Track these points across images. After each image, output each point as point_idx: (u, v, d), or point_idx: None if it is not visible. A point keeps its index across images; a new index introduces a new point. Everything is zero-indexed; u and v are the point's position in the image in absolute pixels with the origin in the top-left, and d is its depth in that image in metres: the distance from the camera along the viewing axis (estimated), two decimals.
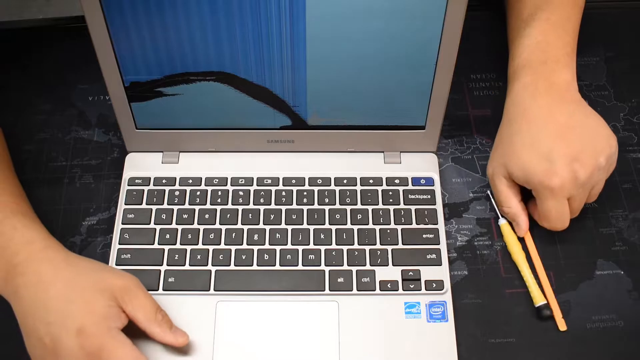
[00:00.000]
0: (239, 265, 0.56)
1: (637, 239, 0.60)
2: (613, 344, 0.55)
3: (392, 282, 0.55)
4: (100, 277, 0.50)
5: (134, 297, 0.50)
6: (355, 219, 0.58)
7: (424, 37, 0.51)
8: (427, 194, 0.59)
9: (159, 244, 0.57)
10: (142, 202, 0.59)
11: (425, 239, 0.57)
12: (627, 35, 0.73)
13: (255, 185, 0.60)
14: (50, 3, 1.49)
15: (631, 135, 0.66)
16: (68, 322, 0.47)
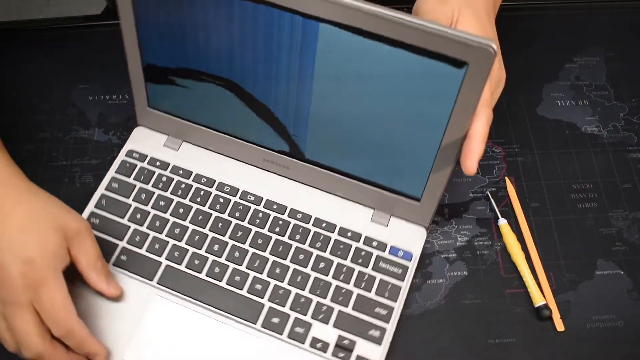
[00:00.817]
0: (189, 268, 0.56)
1: (637, 239, 0.60)
2: (613, 344, 0.55)
3: (324, 343, 0.53)
4: (57, 215, 0.51)
5: (82, 241, 0.51)
6: (317, 266, 0.56)
7: (433, 113, 0.48)
8: (399, 268, 0.55)
9: (127, 220, 0.58)
10: (130, 176, 0.60)
11: (376, 313, 0.54)
12: (627, 35, 0.73)
13: (238, 198, 0.59)
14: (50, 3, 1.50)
15: (631, 135, 0.66)
16: (19, 250, 0.48)
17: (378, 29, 0.45)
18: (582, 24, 0.73)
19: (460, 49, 0.43)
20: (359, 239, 0.57)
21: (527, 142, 0.65)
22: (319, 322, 0.54)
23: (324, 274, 0.55)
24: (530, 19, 0.73)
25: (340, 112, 0.52)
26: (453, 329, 0.56)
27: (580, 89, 0.68)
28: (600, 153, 0.65)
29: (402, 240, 0.57)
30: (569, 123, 0.66)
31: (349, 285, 0.55)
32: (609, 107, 0.68)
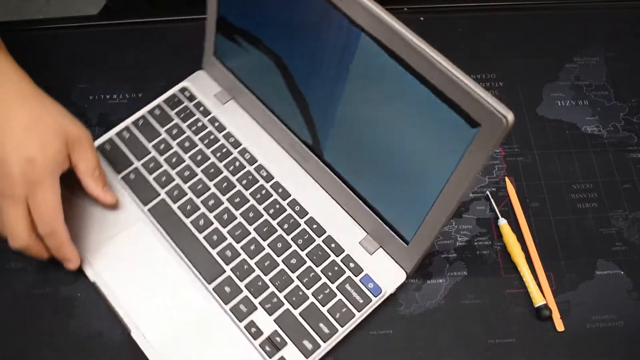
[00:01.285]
0: (180, 209, 0.59)
1: (637, 239, 0.60)
2: (613, 344, 0.55)
3: (258, 331, 0.53)
4: (60, 121, 0.54)
5: (82, 148, 0.55)
6: (288, 260, 0.56)
7: (440, 161, 0.47)
8: (362, 298, 0.54)
9: (151, 146, 0.62)
10: (173, 110, 0.64)
11: (319, 328, 0.53)
12: (627, 35, 0.73)
13: (252, 168, 0.61)
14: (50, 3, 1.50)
15: (631, 135, 0.66)
16: (21, 149, 0.51)
17: (411, 60, 0.45)
18: (582, 24, 0.73)
19: (478, 109, 0.42)
20: (340, 254, 0.57)
21: (527, 142, 0.65)
22: (264, 310, 0.54)
23: (291, 270, 0.56)
24: (530, 19, 0.73)
25: (361, 125, 0.52)
26: (453, 329, 0.56)
27: (580, 89, 0.68)
28: (600, 153, 0.65)
29: (378, 274, 0.56)
30: (569, 123, 0.66)
31: (307, 291, 0.55)
32: (609, 107, 0.68)
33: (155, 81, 0.68)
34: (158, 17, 0.74)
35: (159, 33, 0.72)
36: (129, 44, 0.70)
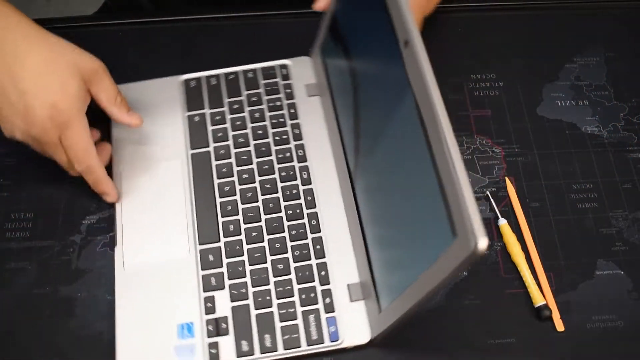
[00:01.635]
0: (216, 167, 0.61)
1: (637, 239, 0.60)
2: (613, 344, 0.55)
3: (212, 307, 0.54)
4: (73, 58, 0.54)
5: (100, 80, 0.56)
6: (276, 263, 0.56)
7: (424, 249, 0.45)
8: (317, 336, 0.53)
9: (227, 98, 0.64)
10: (264, 80, 0.65)
11: (263, 338, 0.53)
12: (627, 35, 0.73)
13: (297, 165, 0.61)
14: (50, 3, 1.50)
15: (631, 135, 0.66)
16: (42, 94, 0.52)
17: (433, 140, 0.42)
18: (582, 24, 0.73)
19: (460, 221, 0.39)
20: (324, 284, 0.56)
21: (527, 142, 0.65)
22: (229, 294, 0.55)
23: (273, 273, 0.56)
24: (530, 19, 0.73)
25: (380, 177, 0.53)
26: (453, 329, 0.56)
27: (580, 89, 0.68)
28: (600, 153, 0.64)
29: (346, 323, 0.54)
30: (569, 123, 0.66)
31: (275, 300, 0.55)
32: (609, 107, 0.67)
33: None
34: (158, 17, 0.74)
35: (159, 33, 0.72)
36: (130, 43, 0.70)
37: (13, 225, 0.60)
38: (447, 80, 0.69)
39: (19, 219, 0.60)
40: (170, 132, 0.63)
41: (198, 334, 0.54)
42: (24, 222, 0.60)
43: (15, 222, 0.60)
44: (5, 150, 0.64)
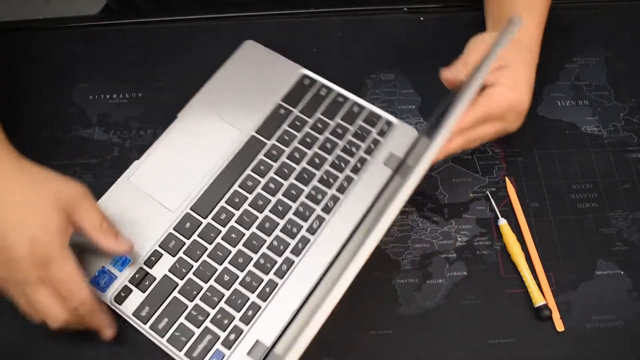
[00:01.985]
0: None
1: (637, 239, 0.60)
2: (613, 344, 0.55)
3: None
4: (53, 189, 0.51)
5: (81, 207, 0.52)
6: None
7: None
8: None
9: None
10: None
11: (178, 329, 0.53)
12: (627, 35, 0.73)
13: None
14: (50, 3, 1.50)
15: (631, 135, 0.66)
16: (23, 231, 0.49)
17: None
18: (582, 24, 0.73)
19: None
20: (242, 319, 0.54)
21: (527, 142, 0.65)
22: (173, 264, 0.56)
23: (216, 278, 0.55)
24: None
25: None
26: (453, 329, 0.56)
27: (580, 89, 0.68)
28: (600, 153, 0.65)
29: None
30: (569, 123, 0.66)
31: (197, 297, 0.54)
32: (609, 107, 0.67)
33: (156, 81, 0.68)
34: (158, 17, 0.74)
35: (159, 32, 0.72)
36: (129, 43, 0.70)
37: None
38: None
39: None
40: (257, 104, 0.64)
41: (125, 272, 0.55)
42: None
43: None
44: None
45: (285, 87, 0.65)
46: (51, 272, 0.49)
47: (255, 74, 0.66)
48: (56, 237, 0.50)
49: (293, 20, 0.73)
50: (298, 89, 0.65)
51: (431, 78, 0.68)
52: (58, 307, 0.50)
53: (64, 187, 0.52)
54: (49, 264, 0.49)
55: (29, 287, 0.49)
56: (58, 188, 0.52)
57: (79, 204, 0.52)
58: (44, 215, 0.50)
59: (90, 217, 0.53)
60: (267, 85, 0.65)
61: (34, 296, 0.50)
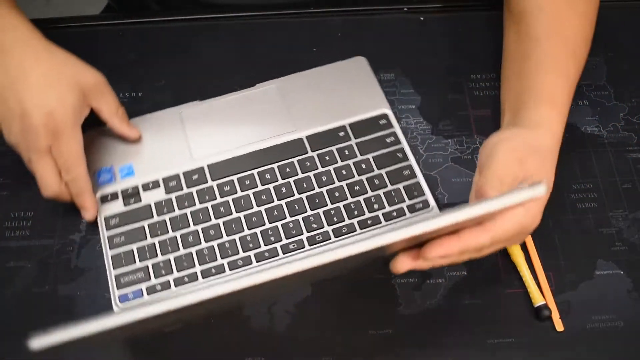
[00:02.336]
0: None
1: (637, 239, 0.60)
2: (613, 344, 0.55)
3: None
4: (75, 72, 0.57)
5: (101, 93, 0.58)
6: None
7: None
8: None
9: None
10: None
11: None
12: (627, 35, 0.73)
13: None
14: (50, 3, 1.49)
15: (631, 135, 0.66)
16: (42, 103, 0.54)
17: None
18: None
19: None
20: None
21: None
22: (168, 200, 0.59)
23: (182, 243, 0.57)
24: None
25: None
26: (452, 328, 0.55)
27: (580, 89, 0.68)
28: (600, 153, 0.64)
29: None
30: (569, 123, 0.66)
31: (158, 251, 0.57)
32: (609, 107, 0.67)
33: (155, 81, 0.68)
34: (158, 17, 0.74)
35: (159, 32, 0.72)
36: (130, 43, 0.70)
37: (12, 224, 0.60)
38: (447, 80, 0.69)
39: (18, 217, 0.60)
40: (327, 114, 0.64)
41: (123, 182, 0.60)
42: (24, 221, 0.60)
43: (14, 221, 0.60)
44: (5, 149, 0.64)
45: (360, 114, 0.64)
46: (59, 144, 0.55)
47: (345, 87, 0.65)
48: (71, 113, 0.55)
49: (293, 20, 0.73)
50: (370, 123, 0.63)
51: (431, 78, 0.69)
52: (54, 178, 0.56)
53: (86, 71, 0.57)
54: (59, 136, 0.55)
55: (35, 154, 0.55)
56: (80, 71, 0.57)
57: (98, 88, 0.58)
58: (64, 91, 0.55)
59: (109, 102, 0.59)
60: (347, 103, 0.64)
61: (37, 164, 0.55)
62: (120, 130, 0.60)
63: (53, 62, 0.56)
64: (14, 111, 0.55)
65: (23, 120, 0.54)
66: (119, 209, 0.58)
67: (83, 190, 0.57)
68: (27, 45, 0.56)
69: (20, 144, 0.56)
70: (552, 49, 0.59)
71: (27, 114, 0.54)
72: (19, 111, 0.54)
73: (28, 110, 0.54)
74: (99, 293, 0.56)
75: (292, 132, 0.62)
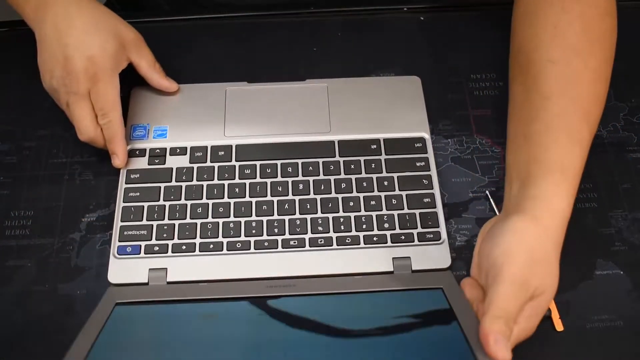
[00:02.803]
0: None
1: (637, 239, 0.60)
2: (612, 344, 0.55)
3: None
4: (116, 24, 0.60)
5: (139, 48, 0.62)
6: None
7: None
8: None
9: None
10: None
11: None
12: (627, 35, 0.72)
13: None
14: None
15: (631, 135, 0.66)
16: (83, 47, 0.57)
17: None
18: None
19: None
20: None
21: None
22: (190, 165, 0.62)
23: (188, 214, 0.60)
24: None
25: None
26: None
27: None
28: (600, 153, 0.64)
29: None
30: None
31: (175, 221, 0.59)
32: (609, 107, 0.67)
33: None
34: (158, 17, 0.74)
35: (159, 32, 0.72)
36: None
37: (13, 223, 0.60)
38: (447, 80, 0.69)
39: (18, 216, 0.60)
40: (366, 123, 0.64)
41: (154, 142, 0.62)
42: (24, 219, 0.60)
43: (14, 220, 0.60)
44: (6, 148, 0.64)
45: (398, 132, 0.63)
46: (97, 88, 0.58)
47: (391, 103, 0.65)
48: (111, 60, 0.58)
49: (293, 20, 0.73)
50: (405, 143, 0.62)
51: (431, 78, 0.69)
52: (91, 121, 0.59)
53: (126, 28, 0.61)
54: (97, 80, 0.58)
55: (74, 97, 0.58)
56: (120, 25, 0.60)
57: (136, 42, 0.61)
58: (104, 39, 0.58)
59: (146, 57, 0.62)
60: (388, 118, 0.64)
61: (74, 107, 0.58)
62: (158, 82, 0.63)
63: (96, 13, 0.59)
64: (57, 56, 0.57)
65: (65, 64, 0.57)
66: (143, 165, 0.61)
67: (116, 135, 0.59)
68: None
69: (60, 88, 0.58)
70: (563, 110, 0.54)
71: (70, 58, 0.57)
72: (62, 55, 0.57)
73: (70, 55, 0.57)
74: (99, 292, 0.56)
75: (326, 134, 0.63)
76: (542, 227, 0.50)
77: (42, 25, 0.59)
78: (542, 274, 0.49)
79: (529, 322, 0.49)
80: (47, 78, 0.59)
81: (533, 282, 0.48)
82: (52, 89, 0.59)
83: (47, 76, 0.59)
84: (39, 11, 0.59)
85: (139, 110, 0.65)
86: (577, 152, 0.53)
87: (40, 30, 0.59)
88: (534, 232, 0.50)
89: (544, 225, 0.50)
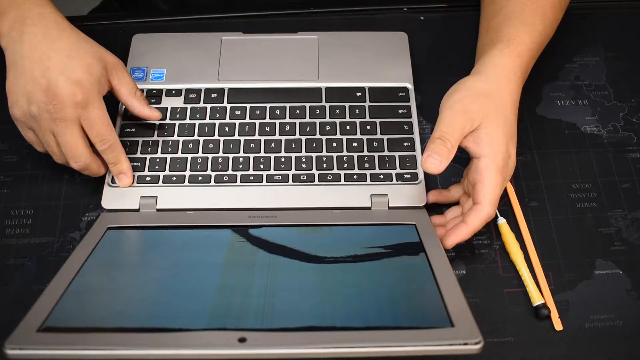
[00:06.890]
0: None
1: (637, 239, 0.60)
2: (611, 344, 0.55)
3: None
4: (97, 48, 0.58)
5: (121, 74, 0.59)
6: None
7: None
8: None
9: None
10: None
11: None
12: (627, 35, 0.73)
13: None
14: None
15: (631, 135, 0.66)
16: (68, 72, 0.54)
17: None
18: (582, 24, 0.73)
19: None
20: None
21: (527, 141, 0.65)
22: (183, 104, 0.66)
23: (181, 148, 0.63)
24: None
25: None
26: None
27: (580, 89, 0.68)
28: (600, 153, 0.64)
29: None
30: (569, 123, 0.66)
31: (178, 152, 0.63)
32: (608, 107, 0.67)
33: None
34: (158, 17, 0.74)
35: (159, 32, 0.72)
36: (129, 42, 0.71)
37: (13, 222, 0.60)
38: (447, 80, 0.69)
39: (18, 215, 0.60)
40: (355, 71, 0.67)
41: (151, 83, 0.65)
42: (24, 218, 0.60)
43: (14, 219, 0.60)
44: (6, 147, 0.64)
45: (383, 82, 0.66)
46: (88, 113, 0.55)
47: (378, 55, 0.68)
48: (96, 83, 0.56)
49: (293, 20, 0.73)
50: (389, 91, 0.66)
51: (431, 78, 0.69)
52: (85, 148, 0.56)
53: (106, 52, 0.59)
54: (87, 105, 0.55)
55: (62, 123, 0.54)
56: (101, 49, 0.58)
57: (118, 68, 0.59)
58: (89, 63, 0.56)
59: (127, 84, 0.60)
60: (374, 68, 0.67)
61: (65, 134, 0.55)
62: (140, 111, 0.61)
63: (77, 37, 0.57)
64: (37, 79, 0.54)
65: (48, 88, 0.54)
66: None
67: (120, 157, 0.59)
68: (50, 19, 0.57)
69: (42, 115, 0.54)
70: (520, 7, 0.62)
71: (53, 82, 0.54)
72: (44, 79, 0.54)
73: (54, 79, 0.54)
74: None
75: (314, 81, 0.66)
76: (481, 74, 0.57)
77: (17, 46, 0.55)
78: (480, 103, 0.54)
79: (475, 149, 0.54)
80: (22, 103, 0.55)
81: (471, 108, 0.54)
82: (29, 115, 0.55)
83: (23, 101, 0.54)
84: (14, 29, 0.55)
85: (139, 55, 0.68)
86: (525, 30, 0.60)
87: (14, 51, 0.55)
88: (473, 77, 0.57)
89: (483, 73, 0.57)
